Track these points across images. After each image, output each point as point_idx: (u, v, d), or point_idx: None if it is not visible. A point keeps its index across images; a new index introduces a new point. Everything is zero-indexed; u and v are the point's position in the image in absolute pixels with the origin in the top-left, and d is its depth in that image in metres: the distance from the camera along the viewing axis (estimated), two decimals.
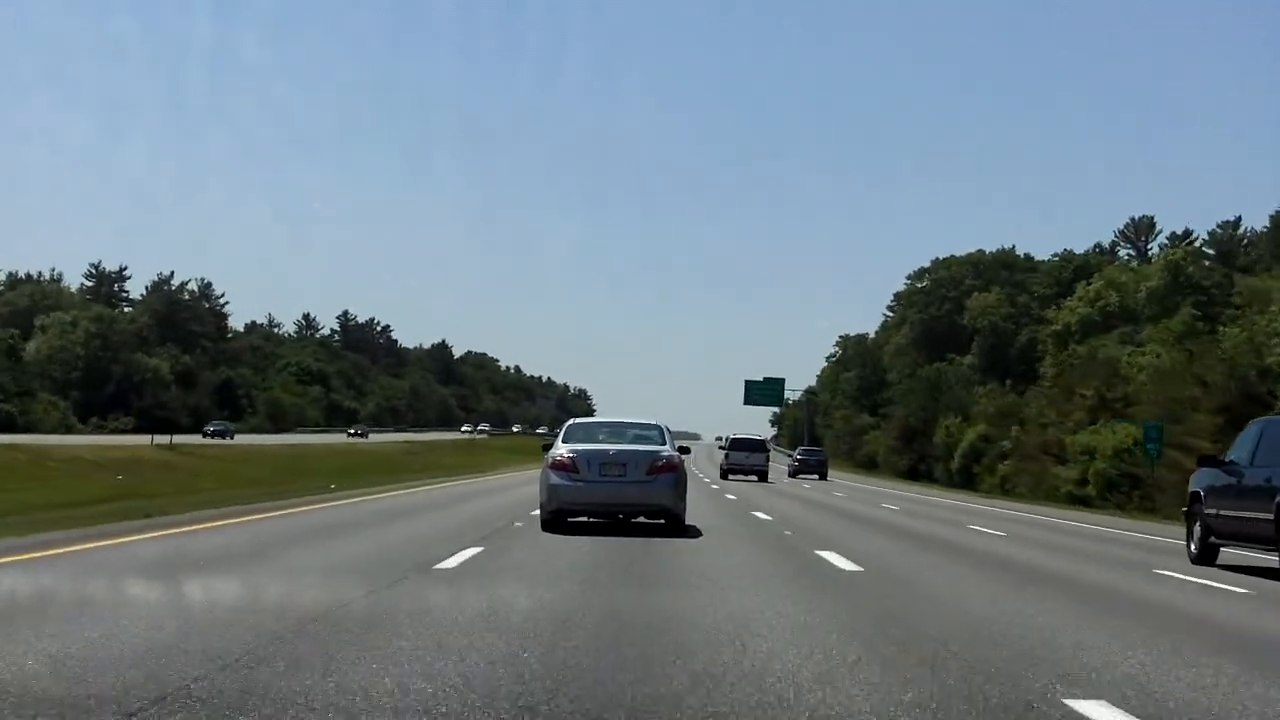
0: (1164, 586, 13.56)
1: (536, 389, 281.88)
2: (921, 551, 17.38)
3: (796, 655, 7.18)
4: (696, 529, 18.30)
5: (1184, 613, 10.99)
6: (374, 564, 12.23)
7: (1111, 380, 55.81)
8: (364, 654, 6.77)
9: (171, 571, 10.91)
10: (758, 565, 13.71)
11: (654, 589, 10.93)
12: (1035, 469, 58.64)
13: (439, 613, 8.52)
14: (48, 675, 6.08)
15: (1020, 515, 34.89)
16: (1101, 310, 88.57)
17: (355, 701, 5.57)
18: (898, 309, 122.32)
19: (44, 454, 42.54)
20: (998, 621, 9.24)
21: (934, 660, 7.15)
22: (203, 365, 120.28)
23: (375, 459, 68.01)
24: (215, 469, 47.08)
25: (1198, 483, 17.07)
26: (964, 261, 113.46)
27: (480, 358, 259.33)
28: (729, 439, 64.05)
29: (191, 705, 5.46)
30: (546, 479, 17.91)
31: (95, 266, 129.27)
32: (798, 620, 8.77)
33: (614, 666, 6.64)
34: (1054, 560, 17.03)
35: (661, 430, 19.34)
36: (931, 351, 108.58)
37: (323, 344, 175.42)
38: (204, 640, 7.07)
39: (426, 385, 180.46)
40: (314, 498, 27.00)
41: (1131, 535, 25.70)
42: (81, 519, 17.66)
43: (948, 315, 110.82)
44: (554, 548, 14.65)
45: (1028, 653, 7.67)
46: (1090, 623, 9.55)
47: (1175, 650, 8.13)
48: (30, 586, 9.88)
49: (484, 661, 6.64)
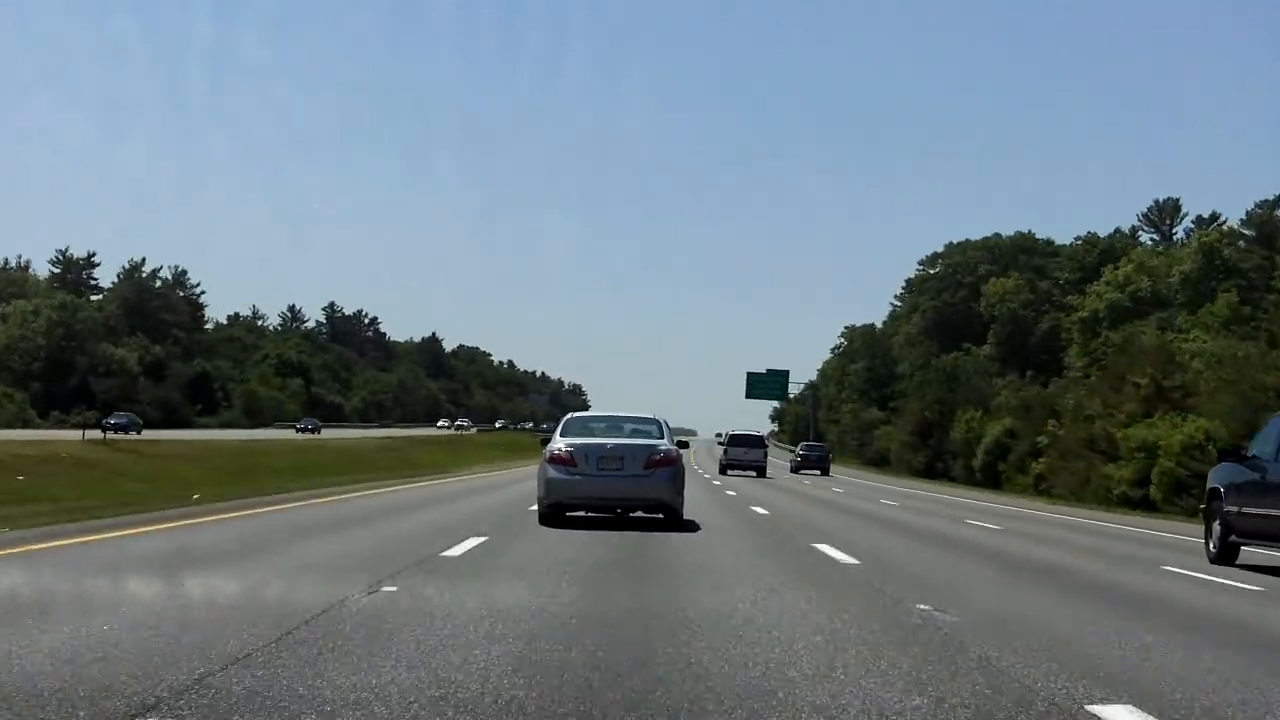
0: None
1: (530, 384, 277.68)
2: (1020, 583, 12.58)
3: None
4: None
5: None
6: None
7: (1167, 368, 49.52)
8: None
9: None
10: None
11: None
12: (1079, 467, 52.42)
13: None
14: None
15: (1069, 520, 30.13)
16: (1132, 295, 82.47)
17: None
18: (908, 297, 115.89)
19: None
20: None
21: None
22: (175, 357, 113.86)
23: (340, 456, 61.74)
24: (147, 469, 40.77)
25: (1217, 479, 16.61)
26: (979, 246, 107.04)
27: (472, 352, 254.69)
28: (728, 435, 64.09)
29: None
30: (544, 473, 17.91)
31: (62, 253, 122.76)
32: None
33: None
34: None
35: (660, 424, 19.31)
36: (945, 341, 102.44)
37: (307, 336, 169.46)
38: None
39: (415, 379, 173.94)
40: (218, 506, 20.72)
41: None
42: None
43: (963, 302, 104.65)
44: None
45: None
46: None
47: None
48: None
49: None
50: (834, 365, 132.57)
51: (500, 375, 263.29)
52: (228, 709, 5.34)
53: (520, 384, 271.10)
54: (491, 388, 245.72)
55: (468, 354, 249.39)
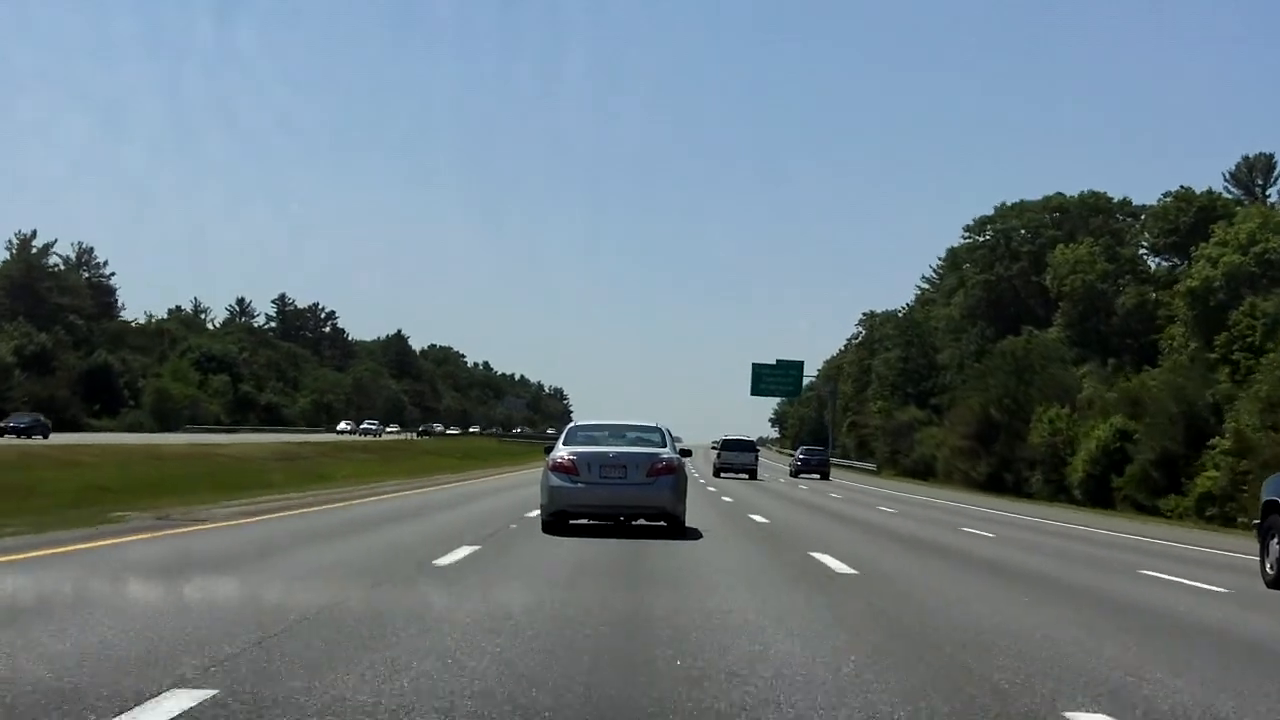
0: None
1: (507, 387, 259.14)
2: None
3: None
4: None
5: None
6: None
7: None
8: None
9: None
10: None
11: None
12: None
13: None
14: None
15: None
16: (1259, 258, 64.00)
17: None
18: (948, 272, 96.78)
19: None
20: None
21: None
22: (67, 347, 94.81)
23: (221, 469, 43.39)
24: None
25: (1273, 490, 14.72)
26: (1040, 207, 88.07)
27: (444, 352, 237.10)
28: (722, 440, 64.85)
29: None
30: (547, 481, 18.04)
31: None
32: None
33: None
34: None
35: (663, 432, 19.57)
36: (999, 323, 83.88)
37: (251, 331, 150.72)
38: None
39: (375, 380, 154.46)
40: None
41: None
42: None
43: (1020, 275, 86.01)
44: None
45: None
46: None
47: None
48: None
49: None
50: (850, 359, 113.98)
51: (475, 377, 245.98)
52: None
53: (496, 387, 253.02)
54: (464, 390, 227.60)
55: (439, 354, 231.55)
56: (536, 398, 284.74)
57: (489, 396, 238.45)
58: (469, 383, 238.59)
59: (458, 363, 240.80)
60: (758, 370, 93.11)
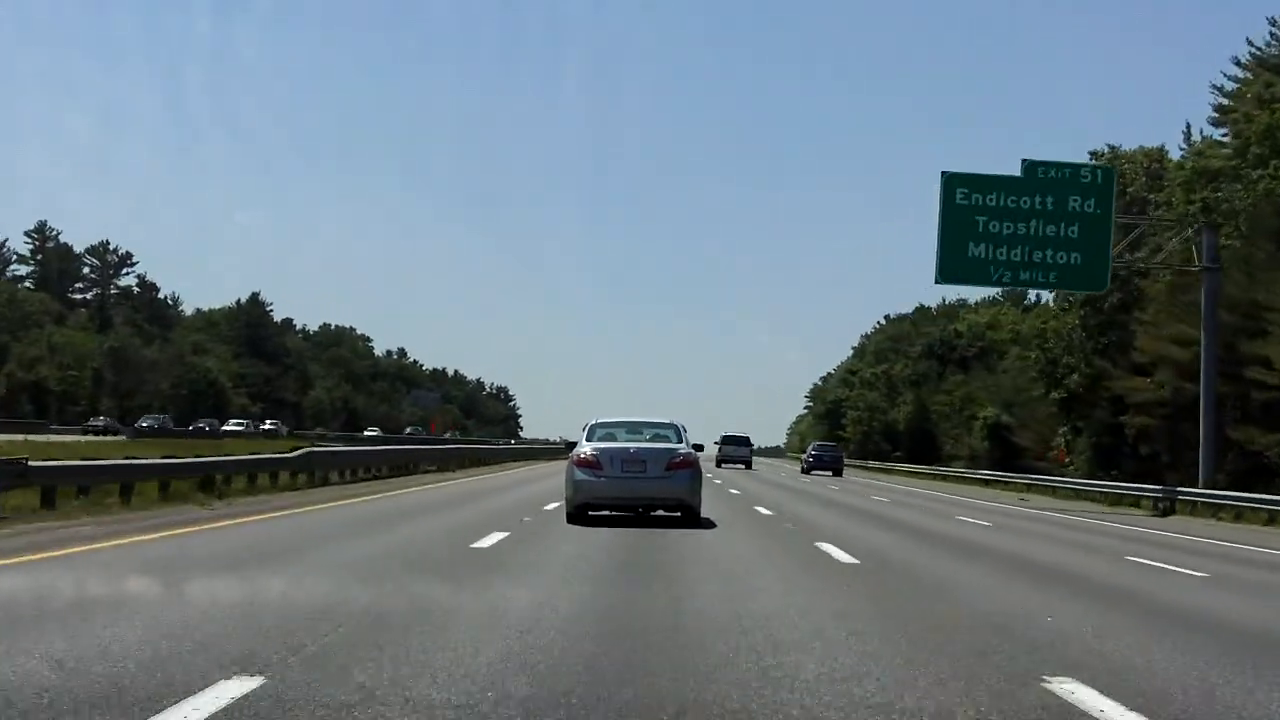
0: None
1: (425, 381, 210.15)
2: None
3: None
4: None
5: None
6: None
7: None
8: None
9: None
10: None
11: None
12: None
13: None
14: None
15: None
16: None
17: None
18: None
19: None
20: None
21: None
22: None
23: None
24: None
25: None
26: None
27: (340, 333, 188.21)
28: (723, 436, 73.31)
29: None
30: (572, 474, 19.41)
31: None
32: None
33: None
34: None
35: (678, 429, 20.84)
36: None
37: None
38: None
39: (137, 350, 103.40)
40: None
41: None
42: None
43: None
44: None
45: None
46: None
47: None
48: None
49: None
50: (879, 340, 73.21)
51: (380, 367, 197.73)
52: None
53: (410, 379, 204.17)
54: (358, 382, 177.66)
55: (326, 335, 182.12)
56: (471, 397, 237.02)
57: (402, 390, 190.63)
58: (370, 373, 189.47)
59: (356, 345, 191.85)
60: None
